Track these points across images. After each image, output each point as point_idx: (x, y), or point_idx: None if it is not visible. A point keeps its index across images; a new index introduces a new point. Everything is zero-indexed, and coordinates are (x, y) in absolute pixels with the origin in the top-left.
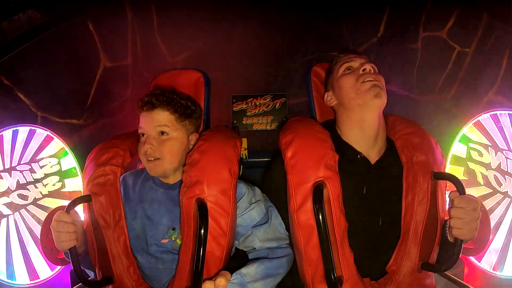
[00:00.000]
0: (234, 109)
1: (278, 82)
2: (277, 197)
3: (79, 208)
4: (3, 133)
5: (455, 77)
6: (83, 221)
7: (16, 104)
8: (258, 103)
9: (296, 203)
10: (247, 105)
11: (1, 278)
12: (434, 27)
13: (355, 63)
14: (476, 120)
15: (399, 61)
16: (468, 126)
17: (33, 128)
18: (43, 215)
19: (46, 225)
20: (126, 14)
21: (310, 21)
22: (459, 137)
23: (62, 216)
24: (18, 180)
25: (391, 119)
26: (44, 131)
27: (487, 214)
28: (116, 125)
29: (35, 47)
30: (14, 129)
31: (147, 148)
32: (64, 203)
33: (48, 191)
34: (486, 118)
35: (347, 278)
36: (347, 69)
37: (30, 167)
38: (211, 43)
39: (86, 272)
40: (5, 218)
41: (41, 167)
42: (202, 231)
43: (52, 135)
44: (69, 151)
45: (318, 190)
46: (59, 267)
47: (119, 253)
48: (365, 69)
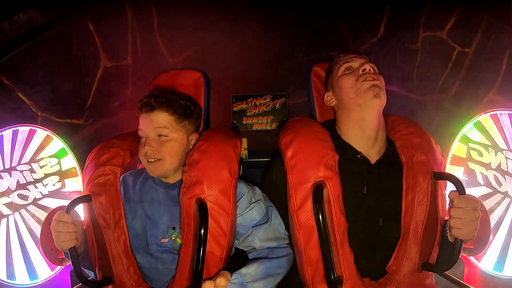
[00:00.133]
0: (234, 109)
1: (278, 82)
2: (277, 197)
3: (79, 208)
4: (3, 133)
5: (455, 77)
6: (83, 221)
7: (16, 104)
8: (258, 103)
9: (296, 203)
10: (247, 105)
11: (1, 278)
12: (434, 27)
13: (355, 63)
14: (476, 120)
15: (399, 61)
16: (468, 126)
17: (33, 128)
18: (43, 215)
19: (46, 225)
20: (126, 14)
21: (310, 21)
22: (459, 137)
23: (62, 216)
24: (18, 180)
25: (391, 119)
26: (44, 131)
27: (487, 214)
28: (116, 125)
29: (35, 47)
30: (14, 129)
31: (147, 150)
32: (64, 203)
33: (48, 191)
34: (486, 118)
35: (347, 278)
36: (347, 69)
37: (30, 167)
38: (211, 43)
39: (86, 272)
40: (5, 218)
41: (41, 167)
42: (202, 231)
43: (52, 135)
44: (69, 151)
45: (318, 190)
46: (59, 267)
47: (119, 253)
48: (365, 69)
